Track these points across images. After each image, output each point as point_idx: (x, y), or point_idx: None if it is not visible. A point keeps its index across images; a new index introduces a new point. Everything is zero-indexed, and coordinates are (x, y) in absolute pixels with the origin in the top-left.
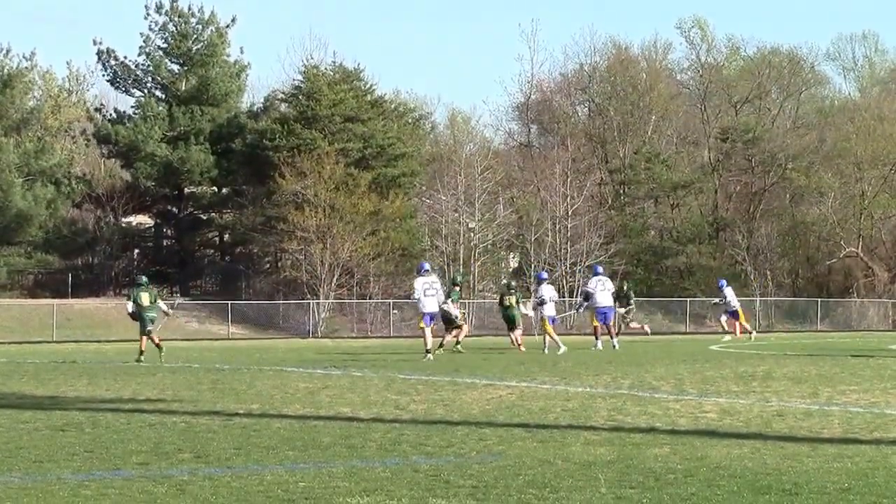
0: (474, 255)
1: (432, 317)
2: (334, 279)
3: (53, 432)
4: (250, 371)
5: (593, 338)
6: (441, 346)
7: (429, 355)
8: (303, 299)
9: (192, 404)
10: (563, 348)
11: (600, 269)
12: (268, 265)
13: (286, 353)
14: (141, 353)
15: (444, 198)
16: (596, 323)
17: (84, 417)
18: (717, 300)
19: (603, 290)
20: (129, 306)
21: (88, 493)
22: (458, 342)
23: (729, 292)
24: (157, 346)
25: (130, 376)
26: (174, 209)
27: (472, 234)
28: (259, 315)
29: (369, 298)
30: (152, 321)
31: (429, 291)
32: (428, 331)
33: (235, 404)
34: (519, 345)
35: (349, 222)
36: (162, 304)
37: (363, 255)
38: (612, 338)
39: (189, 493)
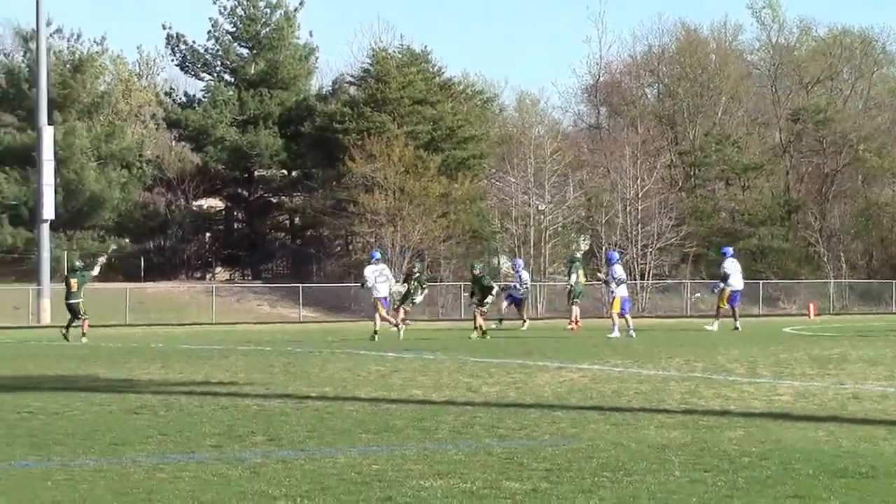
0: (544, 238)
1: (385, 300)
2: (405, 262)
3: (128, 415)
4: (322, 354)
5: (714, 318)
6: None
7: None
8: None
9: (265, 387)
10: (615, 333)
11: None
12: (338, 248)
13: (357, 336)
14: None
15: (513, 180)
16: (724, 305)
17: (157, 400)
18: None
19: (737, 272)
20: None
21: (163, 475)
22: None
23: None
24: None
25: (203, 359)
26: (244, 192)
27: (541, 217)
28: (330, 298)
29: (440, 281)
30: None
31: (379, 278)
32: (381, 314)
33: (308, 387)
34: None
35: (419, 205)
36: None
37: (433, 238)
38: (735, 319)
39: (263, 475)
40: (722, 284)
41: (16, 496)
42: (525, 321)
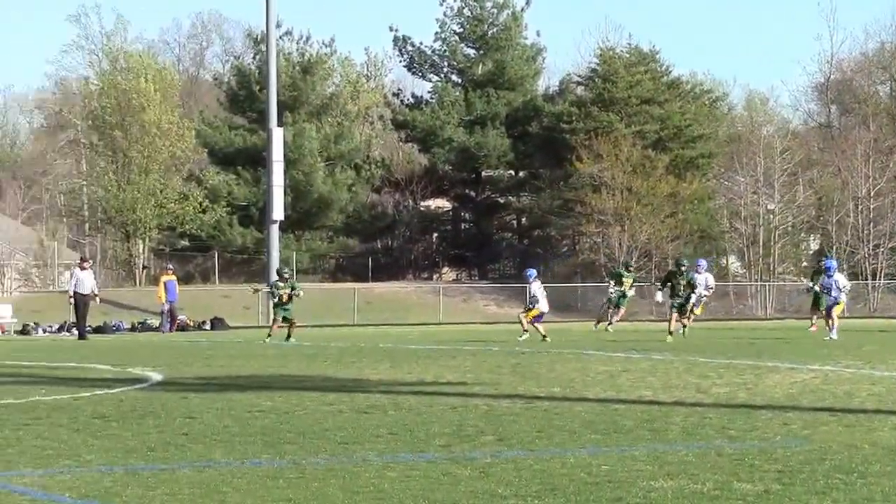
0: (774, 237)
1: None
2: (633, 262)
3: (357, 415)
4: (550, 354)
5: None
6: None
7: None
8: (601, 282)
9: (494, 387)
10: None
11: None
12: (565, 248)
13: (585, 337)
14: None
15: (742, 179)
16: None
17: (387, 400)
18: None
19: None
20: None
21: (393, 475)
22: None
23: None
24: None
25: (431, 359)
26: (472, 193)
27: (771, 216)
28: (556, 298)
29: None
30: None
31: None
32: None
33: (536, 387)
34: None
35: (647, 204)
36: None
37: (661, 238)
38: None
39: (492, 475)
40: None
41: (249, 494)
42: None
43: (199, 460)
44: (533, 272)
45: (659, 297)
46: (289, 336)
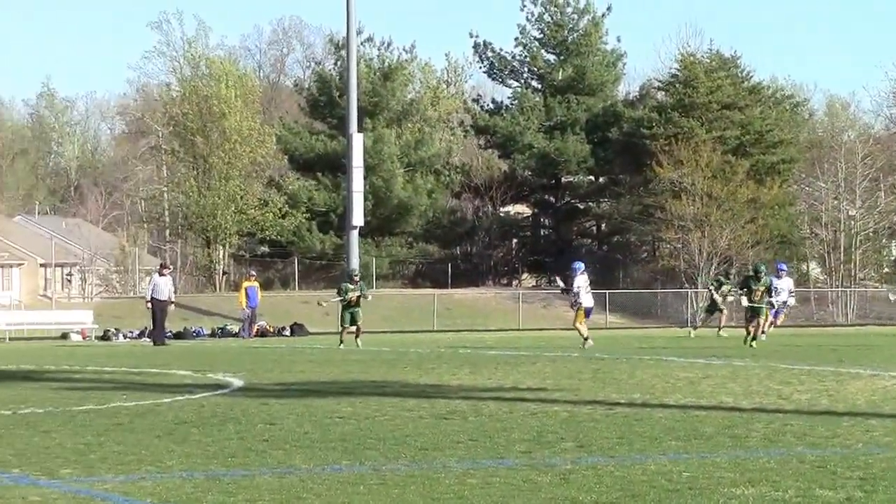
0: (855, 243)
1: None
2: (712, 268)
3: (437, 420)
4: (630, 360)
5: None
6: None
7: None
8: (681, 288)
9: (574, 393)
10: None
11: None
12: (645, 254)
13: (665, 343)
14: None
15: (823, 185)
16: None
17: (467, 406)
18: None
19: None
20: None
21: (474, 481)
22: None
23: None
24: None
25: (511, 365)
26: (551, 198)
27: (852, 222)
28: (636, 304)
29: None
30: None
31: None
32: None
33: (616, 394)
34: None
35: (727, 210)
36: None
37: (741, 244)
38: None
39: (573, 482)
40: None
41: (329, 500)
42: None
43: (280, 466)
44: (580, 265)
45: (744, 301)
46: (356, 339)
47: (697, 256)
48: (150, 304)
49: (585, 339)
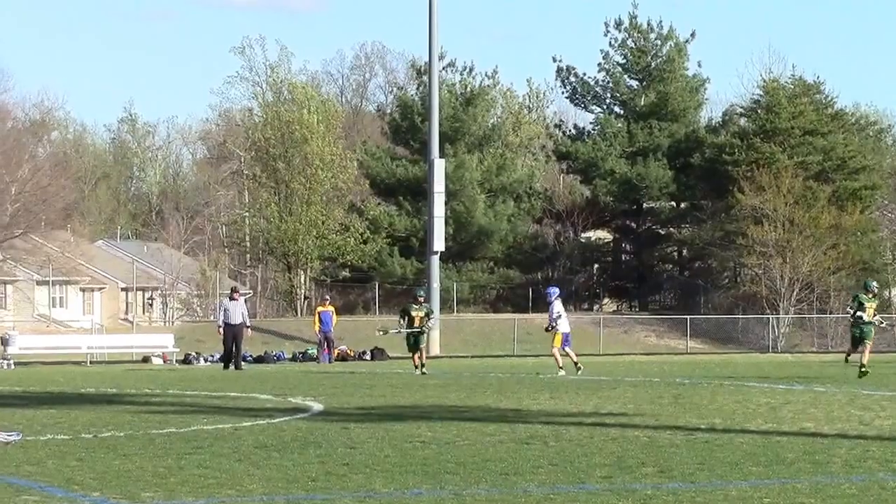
0: None
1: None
2: (794, 294)
3: (518, 445)
4: (711, 386)
5: None
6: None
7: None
8: (762, 314)
9: (654, 418)
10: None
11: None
12: (726, 279)
13: (746, 368)
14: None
15: None
16: None
17: (548, 430)
18: None
19: None
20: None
21: None
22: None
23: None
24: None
25: (592, 390)
26: (633, 224)
27: None
28: (717, 329)
29: (830, 313)
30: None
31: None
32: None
33: (697, 419)
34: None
35: (809, 236)
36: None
37: (823, 270)
38: None
39: None
40: None
41: None
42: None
43: (360, 490)
44: (556, 289)
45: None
46: (422, 365)
47: (779, 282)
48: (221, 330)
49: (561, 367)
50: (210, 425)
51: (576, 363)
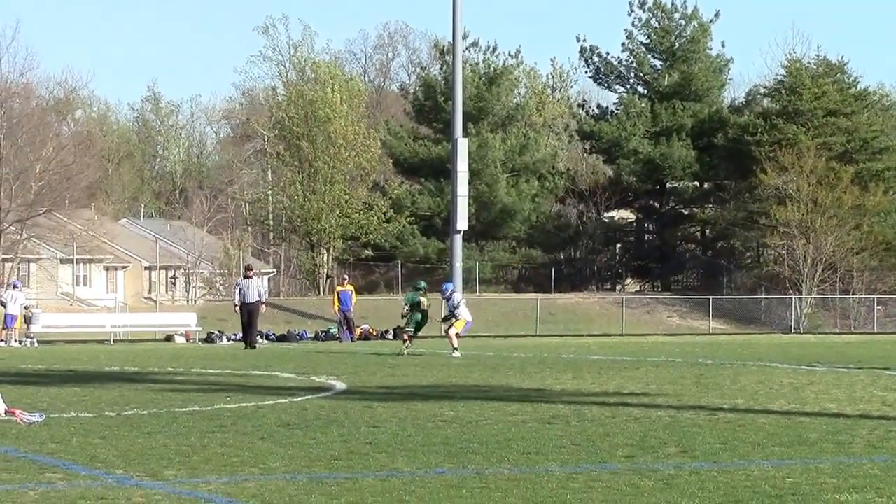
0: None
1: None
2: (817, 274)
3: (540, 425)
4: (733, 366)
5: None
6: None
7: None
8: (785, 294)
9: (677, 399)
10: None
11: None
12: (749, 260)
13: (768, 349)
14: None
15: None
16: None
17: (570, 410)
18: None
19: None
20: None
21: (576, 485)
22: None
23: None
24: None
25: (614, 370)
26: (656, 204)
27: None
28: (740, 310)
29: (852, 294)
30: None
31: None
32: None
33: (720, 399)
34: None
35: (832, 217)
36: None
37: (846, 250)
38: None
39: (676, 487)
40: None
41: (432, 503)
42: None
43: (383, 469)
44: (451, 285)
45: None
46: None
47: (802, 262)
48: (237, 308)
49: (455, 348)
50: (233, 404)
51: (455, 348)
